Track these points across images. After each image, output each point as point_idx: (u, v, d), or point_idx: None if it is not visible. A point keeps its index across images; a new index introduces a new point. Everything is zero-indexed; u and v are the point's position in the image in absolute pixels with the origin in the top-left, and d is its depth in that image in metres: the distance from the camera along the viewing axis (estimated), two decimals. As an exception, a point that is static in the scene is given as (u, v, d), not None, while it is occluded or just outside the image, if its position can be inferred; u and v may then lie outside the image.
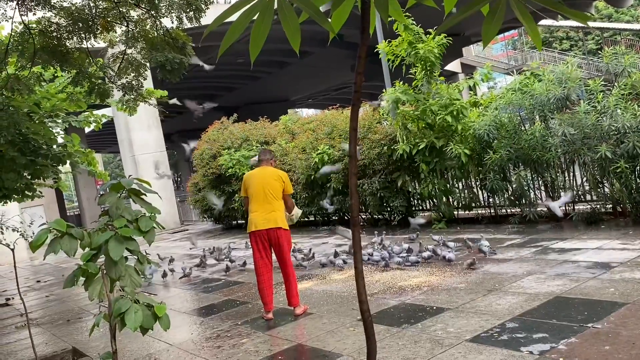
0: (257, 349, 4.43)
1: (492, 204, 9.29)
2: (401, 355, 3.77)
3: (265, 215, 5.26)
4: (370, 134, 10.28)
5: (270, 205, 5.29)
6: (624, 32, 32.25)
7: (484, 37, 1.56)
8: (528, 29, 1.50)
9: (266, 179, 5.35)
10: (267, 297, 5.30)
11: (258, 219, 5.28)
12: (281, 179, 5.37)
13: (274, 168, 5.53)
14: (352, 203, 1.27)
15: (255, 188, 5.35)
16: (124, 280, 3.22)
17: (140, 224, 3.31)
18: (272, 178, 5.35)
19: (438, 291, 5.31)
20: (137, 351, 4.90)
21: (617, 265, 5.14)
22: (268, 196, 5.29)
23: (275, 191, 5.31)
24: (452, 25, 5.14)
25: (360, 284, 1.24)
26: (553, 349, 3.43)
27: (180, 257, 10.96)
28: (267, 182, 5.33)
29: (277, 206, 5.31)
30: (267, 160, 5.55)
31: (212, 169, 14.39)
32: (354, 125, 1.27)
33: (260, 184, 5.33)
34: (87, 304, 7.75)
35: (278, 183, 5.34)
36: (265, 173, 5.40)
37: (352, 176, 1.29)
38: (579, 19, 1.42)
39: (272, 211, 5.27)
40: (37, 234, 3.07)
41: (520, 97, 8.00)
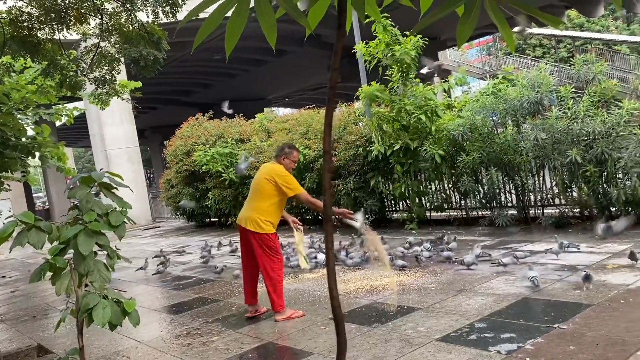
0: (227, 346, 4.40)
1: (464, 206, 9.42)
2: (371, 353, 3.79)
3: (243, 212, 5.10)
4: (346, 134, 10.32)
5: (250, 204, 5.07)
6: (595, 41, 33.03)
7: (459, 37, 1.58)
8: (502, 31, 1.52)
9: (259, 176, 5.09)
10: (244, 291, 5.22)
11: (239, 215, 5.18)
12: (272, 179, 4.96)
13: (280, 166, 5.08)
14: (326, 199, 1.27)
15: (252, 181, 5.20)
16: (92, 276, 3.16)
17: (111, 219, 3.26)
18: (264, 177, 5.02)
19: (409, 291, 5.36)
20: (105, 348, 4.82)
21: (583, 268, 5.25)
22: (252, 194, 5.09)
23: (261, 191, 4.99)
24: (429, 29, 5.18)
25: (331, 281, 1.24)
26: (520, 349, 3.50)
27: (151, 254, 10.80)
28: (257, 180, 5.07)
29: (255, 206, 5.01)
30: (279, 156, 5.18)
31: (186, 166, 14.24)
32: (329, 121, 1.28)
33: (254, 180, 5.14)
34: (54, 300, 7.59)
35: (267, 183, 4.96)
36: (263, 170, 5.15)
37: (326, 173, 1.29)
38: (552, 23, 1.45)
39: (250, 210, 5.03)
40: (3, 226, 3.00)
41: (493, 101, 8.12)
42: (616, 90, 7.63)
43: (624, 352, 3.21)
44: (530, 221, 8.21)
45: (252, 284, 5.21)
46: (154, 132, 40.71)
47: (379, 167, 9.81)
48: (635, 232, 6.63)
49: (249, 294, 5.21)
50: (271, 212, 5.02)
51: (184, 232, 15.25)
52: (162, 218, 20.37)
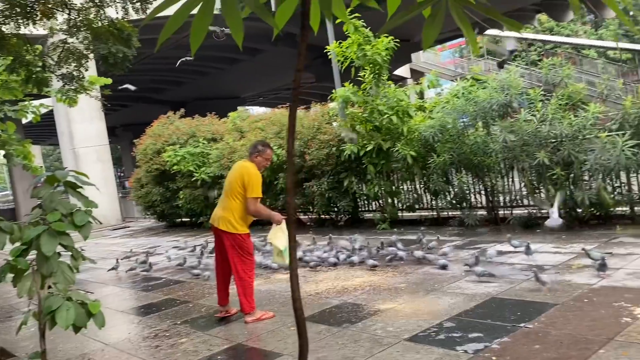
0: (196, 348, 4.35)
1: (434, 206, 9.51)
2: (341, 354, 3.79)
3: (216, 212, 5.03)
4: (320, 134, 10.31)
5: (224, 203, 4.99)
6: (564, 45, 33.77)
7: (425, 39, 1.58)
8: (466, 34, 1.53)
9: (231, 174, 5.02)
10: (217, 292, 5.17)
11: (212, 214, 5.10)
12: (242, 178, 4.85)
13: (251, 165, 4.97)
14: (288, 201, 1.26)
15: (225, 181, 5.13)
16: (56, 277, 3.09)
17: (75, 218, 3.19)
18: (235, 175, 4.95)
19: (380, 291, 5.38)
20: (71, 351, 4.71)
21: (549, 268, 5.36)
22: (225, 193, 5.00)
23: (232, 190, 4.90)
24: (401, 30, 5.24)
25: (294, 282, 1.23)
26: (487, 348, 3.54)
27: (120, 254, 10.61)
28: (229, 180, 4.99)
29: (229, 206, 4.91)
30: (252, 154, 5.07)
31: (156, 165, 14.03)
32: (292, 123, 1.27)
33: (227, 179, 5.07)
34: (17, 302, 7.38)
35: (238, 181, 4.87)
36: (235, 168, 5.08)
37: (289, 174, 1.28)
38: (513, 28, 1.46)
39: (222, 209, 4.95)
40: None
41: (464, 103, 8.22)
42: (584, 94, 7.81)
43: (587, 351, 3.29)
44: (499, 222, 8.34)
45: (226, 284, 5.17)
46: (125, 130, 40.03)
47: (352, 168, 9.85)
48: (599, 232, 6.80)
49: (222, 294, 5.16)
50: (244, 212, 4.94)
51: (154, 232, 15.04)
52: (132, 218, 20.05)
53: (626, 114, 6.99)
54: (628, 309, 3.94)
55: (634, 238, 6.24)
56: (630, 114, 6.93)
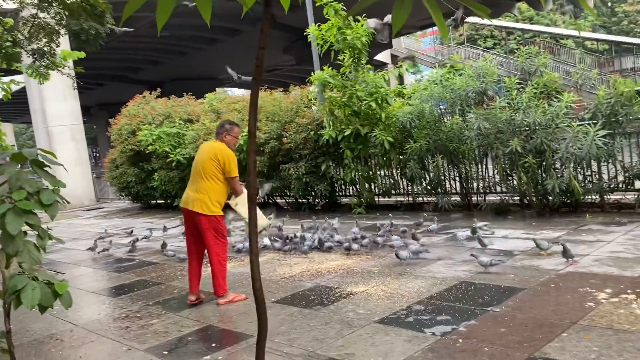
0: (166, 329, 4.34)
1: (410, 191, 9.59)
2: (311, 335, 3.82)
3: (189, 194, 4.92)
4: (298, 117, 10.27)
5: (196, 184, 4.87)
6: (543, 34, 34.08)
7: (394, 23, 1.57)
8: (435, 19, 1.53)
9: (203, 155, 4.92)
10: (189, 280, 5.04)
11: (183, 197, 5.00)
12: (217, 158, 4.81)
13: (222, 145, 4.94)
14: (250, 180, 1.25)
15: (194, 162, 5.01)
16: (22, 256, 3.03)
17: (42, 197, 3.12)
18: (208, 155, 4.85)
19: (353, 274, 5.42)
20: (39, 331, 4.66)
21: (519, 254, 5.47)
22: (196, 174, 4.90)
23: (206, 170, 4.82)
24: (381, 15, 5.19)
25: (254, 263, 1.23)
26: (454, 331, 3.61)
27: (93, 235, 10.50)
28: (201, 160, 4.89)
29: (202, 187, 4.82)
30: (219, 134, 5.03)
31: (131, 145, 13.83)
32: (253, 102, 1.25)
33: (196, 160, 4.96)
34: (-14, 282, 7.26)
35: (213, 162, 4.81)
36: (206, 148, 4.98)
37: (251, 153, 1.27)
38: (481, 13, 1.47)
39: (195, 191, 4.85)
40: None
41: (441, 90, 8.26)
42: (559, 83, 7.90)
43: (550, 334, 3.37)
44: (472, 207, 8.45)
45: (199, 270, 5.07)
46: (101, 110, 39.33)
47: (329, 152, 9.85)
48: (569, 219, 6.94)
49: (195, 281, 5.02)
50: (218, 192, 4.90)
51: (128, 213, 14.88)
52: (106, 199, 19.81)
53: (599, 103, 7.10)
54: (592, 294, 4.04)
55: (602, 226, 6.39)
56: (603, 103, 7.04)
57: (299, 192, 10.60)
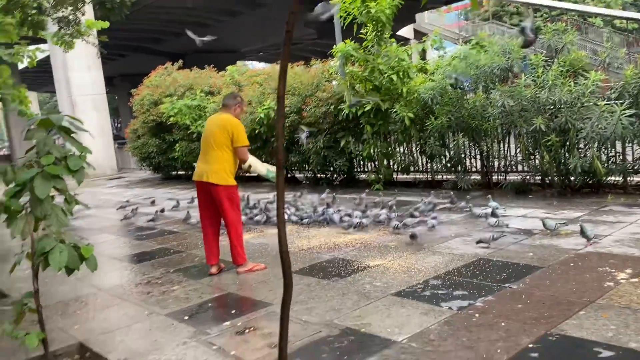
0: (187, 296, 4.44)
1: (429, 169, 9.54)
2: (329, 305, 3.88)
3: (202, 167, 4.95)
4: (319, 91, 10.23)
5: (208, 156, 4.90)
6: (570, 12, 33.17)
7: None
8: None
9: (213, 127, 4.94)
10: (206, 251, 5.09)
11: (196, 170, 5.01)
12: (226, 129, 4.84)
13: (230, 116, 4.98)
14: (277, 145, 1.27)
15: (203, 136, 5.02)
16: (49, 220, 3.11)
17: (69, 163, 3.18)
18: (218, 126, 4.89)
19: (370, 248, 5.46)
20: (64, 294, 4.80)
21: (538, 233, 5.44)
22: (207, 146, 4.93)
23: (217, 142, 4.85)
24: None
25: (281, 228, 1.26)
26: (470, 306, 3.63)
27: (115, 203, 10.69)
28: (212, 131, 4.90)
29: (216, 158, 4.86)
30: (228, 106, 5.05)
31: (153, 116, 13.94)
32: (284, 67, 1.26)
33: (206, 133, 4.98)
34: (12, 246, 7.45)
35: (223, 133, 4.84)
36: (215, 120, 5.01)
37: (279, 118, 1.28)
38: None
39: (208, 163, 4.89)
40: (-45, 166, 2.91)
41: (465, 66, 8.14)
42: (586, 61, 7.73)
43: (568, 311, 3.37)
44: (492, 186, 8.39)
45: (217, 242, 5.12)
46: (123, 80, 39.52)
47: (349, 127, 9.81)
48: (590, 200, 6.86)
49: (214, 253, 5.07)
50: (231, 163, 4.95)
51: (149, 183, 15.08)
52: (128, 169, 20.08)
53: (626, 83, 6.95)
54: (612, 274, 4.02)
55: (624, 207, 6.31)
56: (630, 83, 6.89)
57: (317, 167, 10.62)
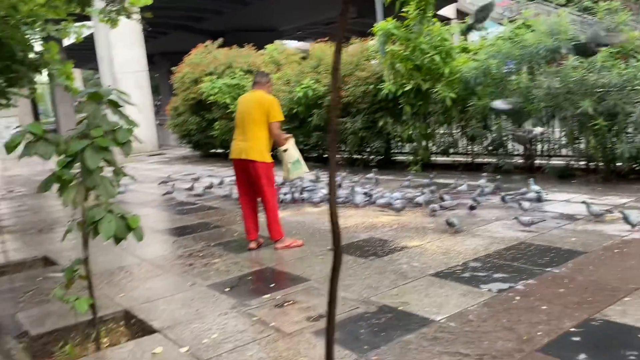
0: (227, 269, 4.54)
1: (470, 151, 9.40)
2: (366, 283, 3.91)
3: (239, 145, 4.99)
4: (358, 70, 10.15)
5: (246, 134, 4.94)
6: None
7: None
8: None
9: (249, 104, 4.98)
10: (245, 227, 5.16)
11: (234, 148, 5.06)
12: (263, 106, 4.89)
13: (264, 93, 5.04)
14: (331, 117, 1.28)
15: (238, 114, 5.07)
16: (98, 190, 3.21)
17: (118, 136, 3.27)
18: (254, 103, 4.94)
19: (407, 229, 5.45)
20: (109, 263, 4.98)
21: (581, 218, 5.31)
22: (245, 124, 4.96)
23: (255, 119, 4.90)
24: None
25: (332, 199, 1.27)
26: (511, 289, 3.60)
27: (156, 179, 10.94)
28: (249, 108, 4.95)
29: (254, 135, 4.92)
30: (261, 83, 5.10)
31: (193, 94, 14.12)
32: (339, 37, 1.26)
33: (242, 110, 5.01)
34: (59, 216, 7.77)
35: (260, 109, 4.89)
36: (250, 98, 5.05)
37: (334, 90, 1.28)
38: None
39: (246, 141, 4.94)
40: (12, 136, 3.02)
41: (510, 46, 7.93)
42: (638, 43, 7.42)
43: (612, 297, 3.30)
44: (534, 170, 8.20)
45: (255, 218, 5.20)
46: (163, 58, 40.03)
47: (388, 107, 9.72)
48: (637, 186, 6.64)
49: (253, 229, 5.15)
50: (267, 140, 5.02)
51: (189, 160, 15.36)
52: (168, 146, 20.46)
53: (682, 65, 6.65)
54: (659, 261, 3.91)
55: (673, 195, 6.09)
56: (686, 66, 6.59)
57: (354, 148, 10.59)
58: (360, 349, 2.88)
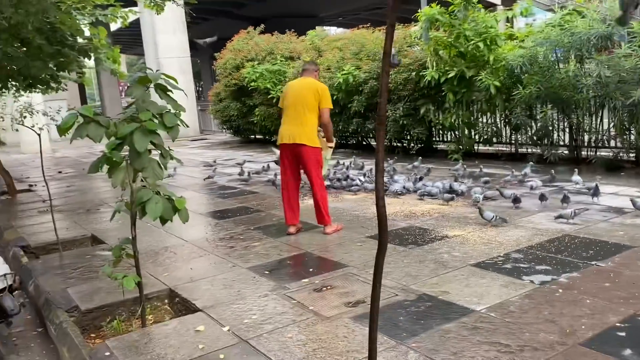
0: (267, 252, 4.62)
1: (513, 141, 9.20)
2: (405, 271, 3.90)
3: (291, 129, 5.04)
4: (400, 57, 10.03)
5: (299, 119, 5.00)
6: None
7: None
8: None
9: (301, 90, 5.05)
10: (286, 212, 5.20)
11: (284, 133, 5.09)
12: (317, 92, 4.99)
13: (315, 80, 5.18)
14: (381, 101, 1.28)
15: (289, 99, 5.10)
16: (146, 172, 3.30)
17: (165, 120, 3.35)
18: (308, 90, 5.02)
19: (448, 219, 5.40)
20: (154, 243, 5.13)
21: (630, 212, 5.14)
22: (298, 109, 5.01)
23: (308, 104, 4.99)
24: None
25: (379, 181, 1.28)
26: (554, 281, 3.53)
27: (198, 163, 11.15)
28: (301, 94, 5.03)
29: (306, 121, 4.99)
30: (310, 70, 5.24)
31: (235, 80, 14.26)
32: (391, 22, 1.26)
33: (294, 95, 5.07)
34: (106, 197, 8.03)
35: (313, 96, 4.99)
36: (302, 84, 5.12)
37: (384, 75, 1.29)
38: None
39: (299, 125, 4.99)
40: (65, 118, 3.13)
41: (558, 33, 7.68)
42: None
43: (660, 294, 3.21)
44: (580, 161, 7.97)
45: (298, 203, 5.28)
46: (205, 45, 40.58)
47: (430, 95, 9.59)
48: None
49: (295, 214, 5.21)
50: (316, 126, 5.12)
51: (229, 146, 15.56)
52: (209, 131, 20.77)
53: None
54: None
55: None
56: None
57: (394, 135, 10.51)
58: (399, 336, 2.90)
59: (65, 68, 8.63)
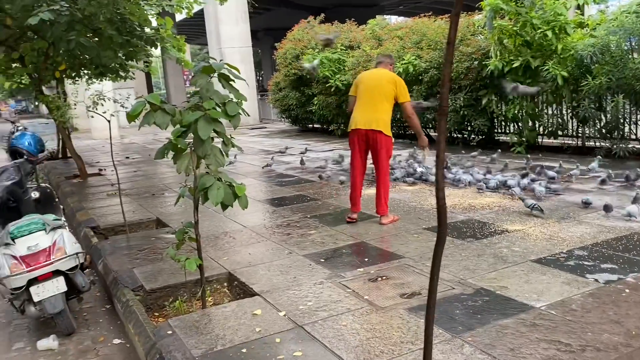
0: (323, 240, 4.67)
1: (580, 134, 8.82)
2: (463, 265, 3.85)
3: (368, 115, 5.06)
4: (462, 46, 9.81)
5: (376, 106, 5.04)
6: None
7: None
8: None
9: (380, 80, 5.11)
10: (354, 198, 5.24)
11: (359, 118, 5.11)
12: (395, 83, 5.05)
13: (391, 72, 5.26)
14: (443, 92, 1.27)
15: (365, 87, 5.14)
16: (209, 159, 3.41)
17: (228, 108, 3.44)
18: (386, 80, 5.08)
19: (508, 213, 5.27)
20: (214, 228, 5.29)
21: None
22: (375, 97, 5.06)
23: (386, 94, 5.04)
24: None
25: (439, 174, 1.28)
26: (620, 280, 3.39)
27: (257, 151, 11.36)
28: (379, 83, 5.08)
29: (383, 109, 5.05)
30: (385, 63, 5.30)
31: (294, 70, 14.37)
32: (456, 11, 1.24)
33: (371, 84, 5.12)
34: (170, 183, 8.33)
35: (390, 86, 5.04)
36: (379, 74, 5.17)
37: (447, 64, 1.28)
38: None
39: (375, 112, 5.03)
40: (133, 105, 3.28)
41: (634, 21, 7.28)
42: None
43: None
44: (654, 157, 7.57)
45: (361, 191, 5.31)
46: (266, 35, 40.99)
47: (492, 85, 9.34)
48: None
49: (359, 201, 5.27)
50: (390, 116, 5.15)
51: (288, 134, 15.74)
52: (268, 120, 21.08)
53: None
54: None
55: None
56: None
57: (454, 126, 10.31)
58: (455, 329, 2.87)
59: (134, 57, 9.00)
